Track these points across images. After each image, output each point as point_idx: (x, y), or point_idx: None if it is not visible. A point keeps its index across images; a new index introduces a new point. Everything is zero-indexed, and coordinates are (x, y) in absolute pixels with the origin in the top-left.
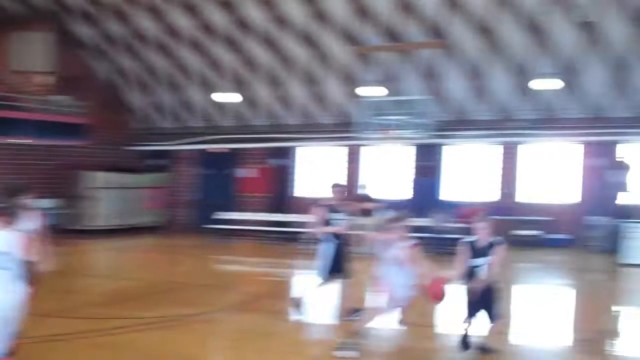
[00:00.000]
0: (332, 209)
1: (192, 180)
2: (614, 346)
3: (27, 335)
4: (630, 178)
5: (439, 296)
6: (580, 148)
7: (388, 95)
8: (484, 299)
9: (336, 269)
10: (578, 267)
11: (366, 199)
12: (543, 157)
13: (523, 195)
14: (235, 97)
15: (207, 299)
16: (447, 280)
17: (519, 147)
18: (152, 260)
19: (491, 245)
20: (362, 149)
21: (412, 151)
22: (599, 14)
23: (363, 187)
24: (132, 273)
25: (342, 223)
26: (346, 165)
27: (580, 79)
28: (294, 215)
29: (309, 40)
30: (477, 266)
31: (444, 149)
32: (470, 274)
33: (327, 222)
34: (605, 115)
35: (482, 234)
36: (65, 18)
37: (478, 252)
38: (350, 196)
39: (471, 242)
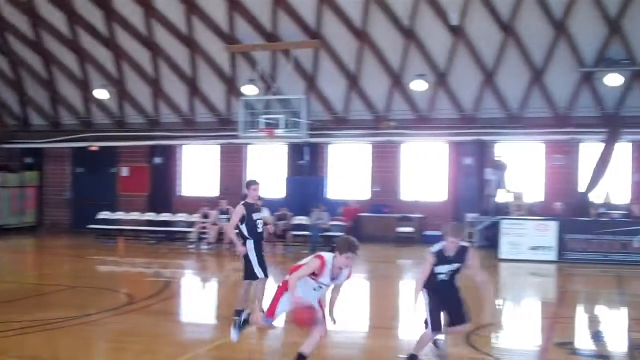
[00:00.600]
0: (252, 208)
1: (68, 179)
2: (495, 338)
3: None
4: (507, 177)
5: (304, 322)
6: (455, 147)
7: (265, 94)
8: (451, 304)
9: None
10: None
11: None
12: (420, 156)
13: (402, 193)
14: (111, 95)
15: (89, 301)
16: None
17: (398, 146)
18: (27, 262)
19: (461, 252)
20: (242, 147)
21: (289, 150)
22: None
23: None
24: (6, 276)
25: (261, 222)
26: (225, 163)
27: (451, 80)
28: (179, 214)
29: (185, 38)
30: (440, 273)
31: (325, 147)
32: (433, 282)
33: (247, 221)
34: (479, 116)
35: (450, 245)
36: None
37: (444, 260)
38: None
39: (437, 251)
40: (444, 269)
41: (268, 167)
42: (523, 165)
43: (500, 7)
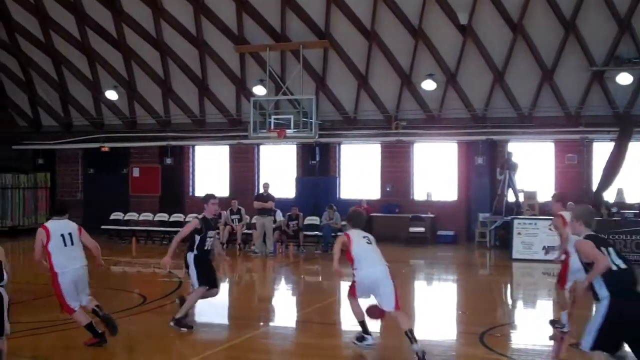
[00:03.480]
0: (209, 225)
1: (79, 181)
2: (508, 338)
3: None
4: (518, 176)
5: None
6: (466, 147)
7: (275, 94)
8: None
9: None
10: (472, 263)
11: (269, 198)
12: (431, 155)
13: (414, 193)
14: (121, 96)
15: (102, 302)
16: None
17: (409, 145)
18: (39, 263)
19: None
20: (253, 147)
21: (299, 150)
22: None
23: (267, 186)
24: (18, 277)
25: (211, 240)
26: (235, 164)
27: (461, 80)
28: (191, 215)
29: (194, 38)
30: None
31: (336, 147)
32: None
33: (201, 235)
34: (490, 115)
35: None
36: None
37: None
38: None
39: None
40: None
41: (279, 167)
42: (534, 164)
43: (510, 7)
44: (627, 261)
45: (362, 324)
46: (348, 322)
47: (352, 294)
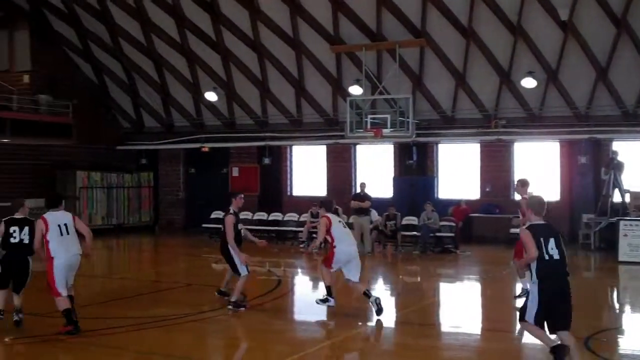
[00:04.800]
0: (238, 218)
1: (181, 180)
2: (616, 343)
3: (25, 334)
4: (624, 176)
5: None
6: (568, 146)
7: (372, 94)
8: None
9: None
10: (576, 265)
11: (365, 197)
12: (532, 155)
13: (516, 193)
14: (221, 97)
15: (203, 299)
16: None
17: (509, 144)
18: (145, 260)
19: None
20: (350, 147)
21: (396, 149)
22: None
23: (363, 186)
24: (126, 273)
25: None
26: (332, 164)
27: (563, 77)
28: (289, 214)
29: (290, 39)
30: None
31: (434, 147)
32: None
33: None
34: (593, 113)
35: None
36: (47, 17)
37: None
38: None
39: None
40: None
41: (376, 167)
42: None
43: (612, 1)
44: (563, 252)
45: (329, 288)
46: (447, 324)
47: (328, 265)
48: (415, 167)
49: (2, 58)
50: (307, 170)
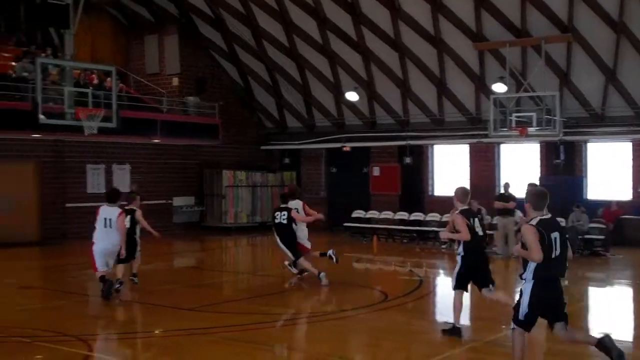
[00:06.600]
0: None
1: (323, 179)
2: None
3: (170, 328)
4: None
5: None
6: None
7: (516, 91)
8: None
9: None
10: None
11: (510, 198)
12: None
13: None
14: (362, 97)
15: (345, 297)
16: None
17: None
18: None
19: None
20: (493, 146)
21: (543, 148)
22: None
23: (507, 186)
24: (269, 270)
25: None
26: (475, 163)
27: None
28: (431, 214)
29: (432, 37)
30: None
31: (582, 146)
32: None
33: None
34: None
35: None
36: (195, 22)
37: None
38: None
39: None
40: None
41: (520, 167)
42: None
43: None
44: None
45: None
46: (595, 330)
47: (304, 250)
48: (563, 167)
49: (153, 62)
50: (449, 169)
